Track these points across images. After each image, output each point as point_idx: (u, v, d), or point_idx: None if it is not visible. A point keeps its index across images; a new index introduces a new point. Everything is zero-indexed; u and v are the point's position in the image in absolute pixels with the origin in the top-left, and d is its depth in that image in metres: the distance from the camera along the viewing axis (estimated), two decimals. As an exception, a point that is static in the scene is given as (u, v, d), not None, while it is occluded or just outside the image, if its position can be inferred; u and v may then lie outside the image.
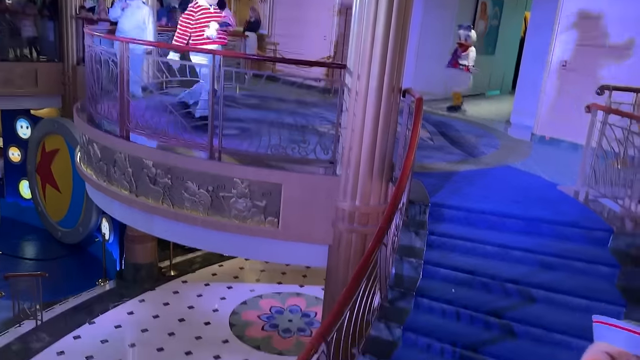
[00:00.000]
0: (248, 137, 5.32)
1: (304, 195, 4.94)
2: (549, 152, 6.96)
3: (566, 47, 7.27)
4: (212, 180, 5.10)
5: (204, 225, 5.25)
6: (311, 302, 9.43)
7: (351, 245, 4.82)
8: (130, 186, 5.58)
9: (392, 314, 3.80)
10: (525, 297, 3.76)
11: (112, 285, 9.69)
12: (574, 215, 4.42)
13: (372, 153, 4.64)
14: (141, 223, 6.12)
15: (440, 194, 4.73)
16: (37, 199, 11.86)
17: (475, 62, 9.44)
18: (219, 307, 9.11)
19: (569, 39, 7.23)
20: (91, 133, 6.13)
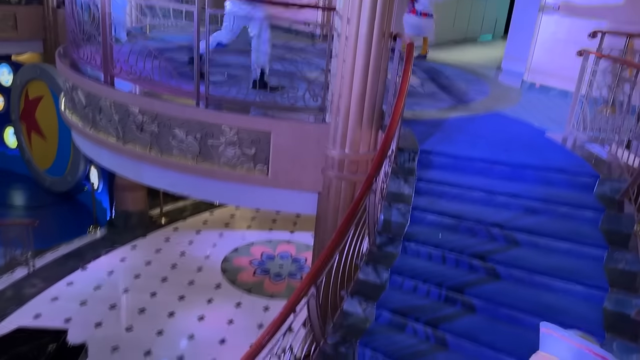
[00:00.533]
0: (236, 83, 5.23)
1: (294, 143, 4.93)
2: (539, 99, 6.94)
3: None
4: (200, 127, 5.05)
5: (193, 173, 5.24)
6: (301, 249, 9.60)
7: (340, 192, 4.85)
8: (117, 134, 5.52)
9: (380, 258, 3.88)
10: (509, 241, 3.85)
11: (103, 233, 9.76)
12: (561, 162, 4.46)
13: (362, 100, 4.59)
14: (130, 171, 6.09)
15: (430, 141, 4.74)
16: (23, 147, 11.73)
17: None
18: (211, 254, 9.25)
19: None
20: (75, 79, 5.99)
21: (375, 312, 3.61)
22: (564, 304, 3.41)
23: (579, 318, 3.28)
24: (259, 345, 2.80)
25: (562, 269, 3.58)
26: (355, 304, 3.68)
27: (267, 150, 4.98)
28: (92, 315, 7.35)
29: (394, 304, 3.60)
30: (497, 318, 3.43)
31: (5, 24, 10.39)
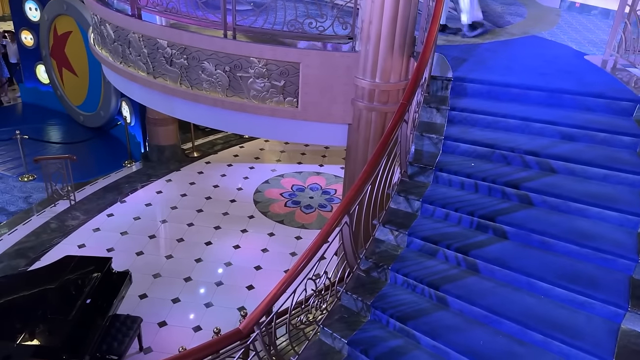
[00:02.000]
0: (263, 12, 5.12)
1: (323, 73, 4.86)
2: (579, 20, 6.60)
3: None
4: (229, 59, 5.01)
5: (223, 107, 5.26)
6: (331, 181, 9.70)
7: (371, 123, 4.83)
8: (147, 67, 5.54)
9: (412, 187, 3.91)
10: (545, 168, 3.81)
11: (138, 167, 10.02)
12: (600, 86, 4.30)
13: (393, 26, 4.45)
14: (161, 105, 6.15)
15: (463, 67, 4.61)
16: (55, 83, 11.88)
17: None
18: (243, 186, 9.45)
19: None
20: (102, 13, 5.96)
21: (407, 239, 3.68)
22: (599, 230, 3.40)
23: (613, 243, 3.28)
24: (295, 270, 2.92)
25: (598, 195, 3.54)
26: (387, 232, 3.75)
27: (296, 82, 4.94)
28: (133, 244, 7.71)
29: (425, 231, 3.66)
30: (529, 244, 3.47)
31: (28, -43, 10.24)
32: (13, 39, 12.60)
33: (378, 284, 3.57)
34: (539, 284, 3.22)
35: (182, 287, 6.91)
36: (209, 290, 6.89)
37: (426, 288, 3.41)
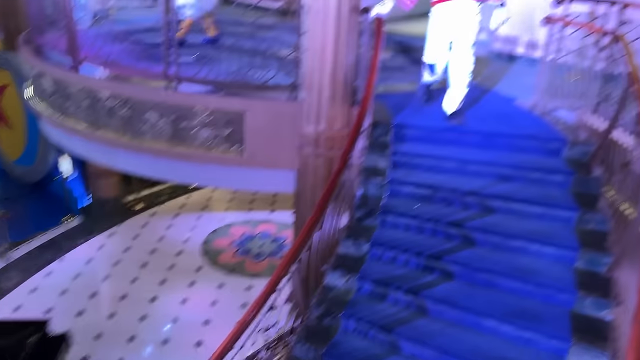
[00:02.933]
0: (207, 63, 5.17)
1: (268, 121, 4.91)
2: (507, 68, 7.03)
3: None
4: (173, 110, 4.99)
5: (168, 157, 5.19)
6: (281, 227, 9.63)
7: (318, 169, 4.88)
8: (88, 120, 5.42)
9: (360, 231, 3.95)
10: (484, 208, 3.95)
11: (78, 222, 9.62)
12: (531, 128, 4.56)
13: (334, 76, 4.59)
14: (102, 157, 5.99)
15: (403, 114, 4.79)
16: (-10, 138, 11.40)
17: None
18: (190, 237, 9.22)
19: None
20: (41, 66, 5.84)
21: (357, 283, 3.69)
22: (538, 266, 3.53)
23: (553, 278, 3.41)
24: (243, 323, 2.85)
25: (536, 232, 3.70)
26: (337, 278, 3.74)
27: (242, 131, 4.96)
28: (73, 304, 7.30)
29: (374, 275, 3.68)
30: (475, 283, 3.55)
31: (-39, 12, 9.98)
32: (-56, 94, 12.08)
33: (330, 331, 3.52)
34: (487, 322, 3.28)
35: (126, 347, 6.56)
36: (155, 350, 6.58)
37: (378, 333, 3.40)
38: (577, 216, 3.77)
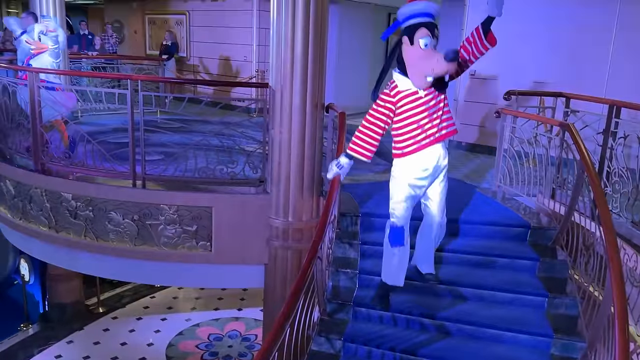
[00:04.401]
0: (173, 161, 5.21)
1: (236, 216, 4.90)
2: (468, 157, 7.32)
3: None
4: (137, 208, 4.94)
5: (132, 257, 5.07)
6: (250, 325, 9.27)
7: (287, 262, 4.83)
8: (50, 222, 5.29)
9: (332, 326, 3.83)
10: (456, 296, 3.92)
11: (36, 329, 9.04)
12: (494, 215, 4.67)
13: (300, 169, 4.69)
14: (64, 260, 5.79)
15: (369, 203, 4.85)
16: (-57, 244, 10.94)
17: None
18: (154, 341, 8.74)
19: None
20: (3, 169, 5.77)
21: (332, 384, 3.51)
22: (514, 355, 3.45)
23: (530, 367, 3.33)
24: None
25: (508, 319, 3.66)
26: (311, 378, 3.57)
27: (210, 226, 4.92)
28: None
29: (350, 373, 3.52)
30: (453, 376, 3.43)
31: None
32: None
33: None
34: (469, 418, 3.14)
35: None
36: None
37: None
38: (547, 301, 3.78)
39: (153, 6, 13.92)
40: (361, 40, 11.42)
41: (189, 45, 12.99)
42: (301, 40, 4.45)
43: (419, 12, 3.25)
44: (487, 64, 7.55)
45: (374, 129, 3.53)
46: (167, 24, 13.47)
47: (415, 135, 3.43)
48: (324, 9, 4.56)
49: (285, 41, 4.48)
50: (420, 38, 3.22)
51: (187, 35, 12.99)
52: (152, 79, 9.11)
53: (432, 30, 3.25)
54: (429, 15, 3.26)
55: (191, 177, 5.03)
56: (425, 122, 3.40)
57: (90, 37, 11.11)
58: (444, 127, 3.47)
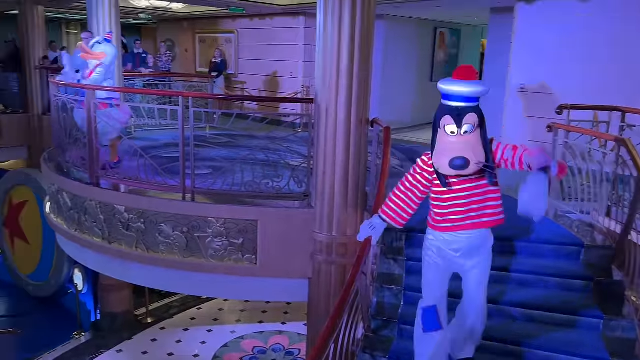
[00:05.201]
0: (221, 175, 5.33)
1: (281, 229, 4.94)
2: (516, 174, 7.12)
3: (523, 71, 7.57)
4: (187, 221, 5.06)
5: (181, 268, 5.18)
6: (294, 339, 9.28)
7: (331, 277, 4.82)
8: (103, 233, 5.49)
9: (377, 343, 3.78)
10: (505, 315, 3.80)
11: (88, 337, 9.35)
12: (546, 233, 4.51)
13: (345, 183, 4.69)
14: (116, 271, 5.99)
15: (415, 219, 4.77)
16: (6, 253, 11.51)
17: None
18: (200, 352, 8.87)
19: (525, 63, 7.54)
20: (60, 182, 6.05)
21: (376, 402, 3.46)
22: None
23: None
24: None
25: (561, 341, 3.51)
26: (354, 396, 3.53)
27: (255, 239, 4.98)
28: None
29: (394, 392, 3.46)
30: (501, 398, 3.31)
31: (-9, 133, 10.60)
32: (-34, 210, 12.42)
33: None
34: None
35: None
36: None
37: None
38: (602, 323, 3.61)
39: (203, 25, 14.37)
40: (407, 55, 11.39)
41: (236, 62, 13.31)
42: (347, 56, 4.49)
43: (451, 94, 2.85)
44: (538, 77, 7.40)
45: (409, 195, 3.19)
46: (216, 42, 13.87)
47: (448, 213, 3.03)
48: (370, 24, 4.59)
49: (331, 57, 4.52)
50: (442, 124, 2.87)
51: (235, 53, 13.32)
52: (203, 96, 9.37)
53: (460, 115, 2.81)
54: (464, 99, 2.82)
55: (238, 191, 5.12)
56: (459, 203, 3.00)
57: (144, 55, 11.55)
58: (486, 214, 3.06)
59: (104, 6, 7.37)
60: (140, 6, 12.59)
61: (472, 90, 2.82)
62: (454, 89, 2.83)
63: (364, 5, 4.45)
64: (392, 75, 10.89)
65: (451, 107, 2.84)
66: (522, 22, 7.53)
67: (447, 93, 2.87)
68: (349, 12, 4.42)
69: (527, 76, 7.55)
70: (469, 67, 2.89)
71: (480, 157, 2.88)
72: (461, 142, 2.84)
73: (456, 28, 12.59)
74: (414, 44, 11.64)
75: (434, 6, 9.44)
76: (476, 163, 2.86)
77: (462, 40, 12.82)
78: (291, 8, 11.35)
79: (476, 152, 2.87)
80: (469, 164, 2.82)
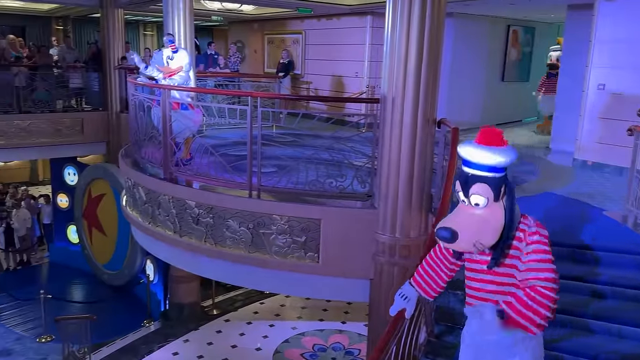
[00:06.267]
0: (286, 174, 5.41)
1: (343, 229, 4.95)
2: (593, 177, 6.78)
3: (602, 70, 7.17)
4: (252, 217, 5.18)
5: (246, 263, 5.31)
6: (354, 339, 9.28)
7: (393, 278, 4.77)
8: (175, 227, 5.72)
9: (440, 349, 3.71)
10: (578, 327, 3.62)
11: (157, 326, 9.80)
12: (623, 241, 4.26)
13: (409, 184, 4.64)
14: (186, 263, 6.23)
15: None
16: (84, 243, 12.24)
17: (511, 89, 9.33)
18: (262, 346, 9.07)
19: (605, 62, 7.14)
20: (136, 177, 6.36)
21: (438, 408, 3.40)
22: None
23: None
24: None
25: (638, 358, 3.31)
26: (415, 400, 3.48)
27: (318, 238, 5.02)
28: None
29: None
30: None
31: (74, 129, 11.31)
32: (48, 201, 13.32)
33: None
34: None
35: None
36: None
37: None
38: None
39: (272, 26, 14.64)
40: (477, 53, 11.08)
41: (303, 62, 13.46)
42: (415, 55, 4.43)
43: (464, 158, 2.50)
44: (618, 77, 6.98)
45: (439, 264, 2.87)
46: (284, 43, 14.09)
47: (467, 294, 2.74)
48: (440, 22, 4.50)
49: (399, 56, 4.48)
50: (456, 189, 2.53)
51: (302, 53, 13.48)
52: (270, 96, 9.56)
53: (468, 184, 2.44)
54: (477, 167, 2.43)
55: (302, 190, 5.19)
56: (473, 286, 2.68)
57: (216, 56, 11.92)
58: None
59: (179, 9, 7.68)
60: (213, 8, 13.01)
61: (485, 158, 2.41)
62: (464, 153, 2.48)
63: (434, 3, 4.38)
64: (461, 74, 10.63)
65: (462, 171, 2.50)
66: (603, 19, 7.13)
67: (465, 159, 2.48)
68: (418, 10, 4.35)
69: (606, 76, 7.14)
70: (492, 132, 2.48)
71: (485, 238, 2.41)
72: (465, 214, 2.45)
73: (530, 26, 12.12)
74: (485, 43, 11.31)
75: (507, 3, 9.12)
76: (475, 244, 2.41)
77: (537, 39, 12.31)
78: (358, 8, 11.34)
79: (482, 231, 2.41)
80: (456, 238, 2.38)
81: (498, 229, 2.43)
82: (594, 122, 7.31)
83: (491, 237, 2.42)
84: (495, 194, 2.41)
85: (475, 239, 2.39)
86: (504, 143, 2.45)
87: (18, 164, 18.25)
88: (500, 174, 2.43)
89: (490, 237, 2.42)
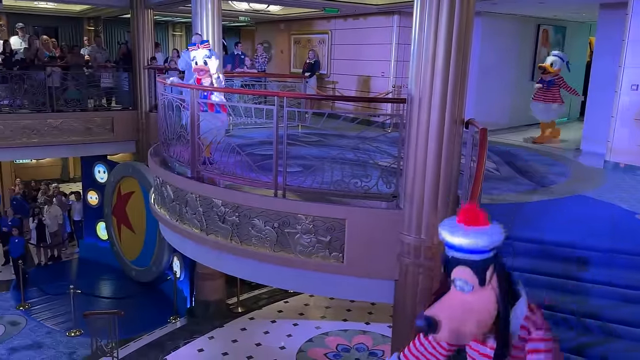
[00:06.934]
0: (311, 173, 5.42)
1: (368, 229, 4.94)
2: (625, 180, 6.61)
3: (636, 70, 6.99)
4: (278, 216, 5.21)
5: (271, 262, 5.34)
6: (378, 340, 9.24)
7: (418, 279, 4.74)
8: (201, 225, 5.80)
9: (465, 350, 3.67)
10: (607, 333, 3.54)
11: (182, 323, 9.93)
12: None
13: (435, 186, 4.60)
14: (212, 260, 6.30)
15: (511, 226, 4.59)
16: (113, 239, 12.48)
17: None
18: (286, 345, 9.11)
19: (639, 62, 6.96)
20: (164, 175, 6.46)
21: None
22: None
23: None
24: None
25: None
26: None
27: (342, 238, 5.02)
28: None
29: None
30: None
31: (104, 127, 11.55)
32: (79, 198, 13.64)
33: None
34: None
35: None
36: None
37: None
38: None
39: (298, 27, 14.70)
40: (505, 53, 10.93)
41: (329, 62, 13.47)
42: (443, 54, 4.39)
43: (447, 243, 2.24)
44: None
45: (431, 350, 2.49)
46: (310, 43, 14.12)
47: None
48: (469, 22, 4.45)
49: (426, 55, 4.44)
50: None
51: (328, 53, 13.49)
52: (296, 96, 9.59)
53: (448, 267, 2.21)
54: (455, 249, 2.19)
55: (327, 189, 5.19)
56: None
57: (243, 56, 12.03)
58: None
59: (207, 9, 7.77)
60: (240, 9, 13.13)
61: (462, 240, 2.15)
62: (442, 234, 2.24)
63: (462, 2, 4.33)
64: (490, 74, 10.50)
65: (442, 253, 2.26)
66: (637, 17, 6.95)
67: (448, 243, 2.23)
68: (447, 9, 4.31)
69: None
70: (473, 211, 2.23)
71: (466, 328, 2.08)
72: (448, 300, 2.15)
73: (561, 25, 11.89)
74: (514, 42, 11.14)
75: (536, 2, 8.96)
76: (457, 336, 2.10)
77: (568, 38, 12.07)
78: (386, 7, 11.29)
79: (463, 320, 2.09)
80: (436, 327, 2.06)
81: (485, 320, 2.11)
82: (626, 124, 7.13)
83: (474, 329, 2.10)
84: (480, 279, 2.12)
85: (457, 330, 2.07)
86: (486, 223, 2.19)
87: (50, 162, 18.75)
88: (485, 255, 2.15)
89: (474, 328, 2.09)
